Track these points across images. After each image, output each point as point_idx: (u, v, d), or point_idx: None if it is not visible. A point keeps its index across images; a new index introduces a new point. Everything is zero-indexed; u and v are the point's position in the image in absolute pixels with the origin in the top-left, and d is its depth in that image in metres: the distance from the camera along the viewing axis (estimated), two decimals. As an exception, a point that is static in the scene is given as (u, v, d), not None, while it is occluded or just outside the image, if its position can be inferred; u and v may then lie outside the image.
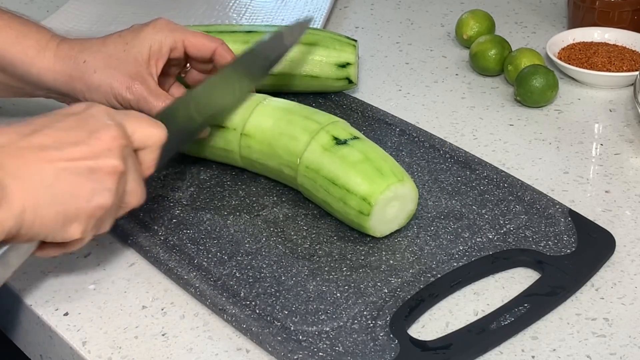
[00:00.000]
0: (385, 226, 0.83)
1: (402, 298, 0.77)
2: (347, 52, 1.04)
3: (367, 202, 0.80)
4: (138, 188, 0.74)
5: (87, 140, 0.69)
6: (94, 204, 0.69)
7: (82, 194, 0.68)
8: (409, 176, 0.84)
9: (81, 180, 0.68)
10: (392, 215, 0.82)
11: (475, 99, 1.11)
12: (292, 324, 0.74)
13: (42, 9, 1.37)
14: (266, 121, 0.89)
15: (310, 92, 1.06)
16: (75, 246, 0.72)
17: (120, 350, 0.74)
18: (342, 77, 1.05)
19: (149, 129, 0.74)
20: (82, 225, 0.69)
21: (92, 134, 0.69)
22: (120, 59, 0.91)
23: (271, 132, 0.88)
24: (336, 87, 1.06)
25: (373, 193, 0.80)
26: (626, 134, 1.02)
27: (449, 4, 1.37)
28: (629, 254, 0.83)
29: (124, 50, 0.91)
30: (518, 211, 0.87)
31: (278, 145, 0.87)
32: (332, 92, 1.07)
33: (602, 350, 0.73)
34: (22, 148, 0.67)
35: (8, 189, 0.64)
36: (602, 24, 1.20)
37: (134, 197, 0.74)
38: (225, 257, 0.82)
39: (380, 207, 0.81)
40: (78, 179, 0.68)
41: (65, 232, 0.69)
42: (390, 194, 0.81)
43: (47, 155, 0.67)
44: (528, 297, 0.77)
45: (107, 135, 0.70)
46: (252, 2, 1.36)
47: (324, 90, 1.07)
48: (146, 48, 0.91)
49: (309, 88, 1.06)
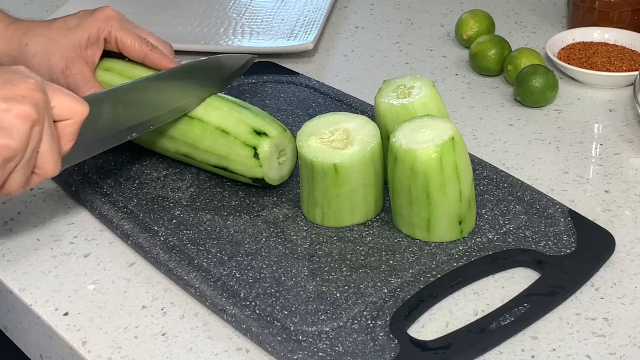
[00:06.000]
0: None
1: (402, 298, 0.77)
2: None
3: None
4: (53, 154, 0.74)
5: (3, 86, 0.70)
6: (0, 142, 0.69)
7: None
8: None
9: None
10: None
11: (475, 99, 1.11)
12: (292, 324, 0.74)
13: (42, 8, 1.37)
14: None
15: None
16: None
17: (120, 350, 0.74)
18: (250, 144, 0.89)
19: (71, 101, 0.75)
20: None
21: (9, 81, 0.71)
22: (60, 43, 0.93)
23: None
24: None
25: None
26: (626, 134, 1.02)
27: (449, 4, 1.37)
28: (629, 254, 0.83)
29: (65, 35, 0.94)
30: (518, 211, 0.87)
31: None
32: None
33: (602, 350, 0.73)
34: None
35: None
36: (601, 23, 1.20)
37: (48, 162, 0.74)
38: (225, 257, 0.82)
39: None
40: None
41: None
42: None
43: None
44: (528, 297, 0.77)
45: (23, 84, 0.71)
46: (252, 2, 1.37)
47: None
48: (85, 35, 0.94)
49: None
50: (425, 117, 0.83)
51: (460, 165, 0.80)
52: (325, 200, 0.84)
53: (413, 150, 0.80)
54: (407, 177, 0.81)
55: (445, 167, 0.80)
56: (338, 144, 0.84)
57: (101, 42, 0.95)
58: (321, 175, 0.83)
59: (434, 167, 0.79)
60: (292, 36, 1.25)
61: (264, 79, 1.13)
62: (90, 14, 0.95)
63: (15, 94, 0.70)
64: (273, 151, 0.88)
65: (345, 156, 0.83)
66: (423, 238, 0.83)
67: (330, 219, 0.85)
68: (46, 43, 0.94)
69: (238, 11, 1.34)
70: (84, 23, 0.94)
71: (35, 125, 0.71)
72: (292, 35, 1.25)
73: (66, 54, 0.93)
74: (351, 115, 0.87)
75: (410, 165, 0.80)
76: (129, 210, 0.88)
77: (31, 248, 0.86)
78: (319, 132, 0.85)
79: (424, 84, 0.88)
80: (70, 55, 0.93)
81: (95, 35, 0.94)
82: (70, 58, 0.93)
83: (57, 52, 0.93)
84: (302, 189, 0.87)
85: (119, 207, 0.89)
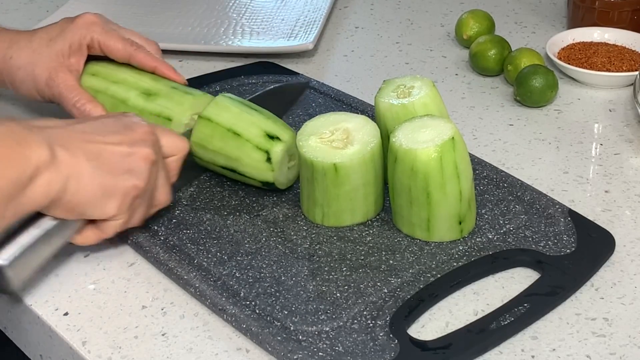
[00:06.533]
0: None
1: (402, 298, 0.77)
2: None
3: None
4: (166, 187, 0.82)
5: (124, 131, 0.78)
6: (129, 183, 0.77)
7: (119, 172, 0.77)
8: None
9: (119, 160, 0.77)
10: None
11: (475, 99, 1.11)
12: (292, 324, 0.74)
13: (42, 8, 1.37)
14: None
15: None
16: (110, 230, 0.79)
17: (120, 350, 0.74)
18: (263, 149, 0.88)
19: (175, 139, 0.83)
20: (118, 201, 0.77)
21: (128, 127, 0.79)
22: (43, 54, 0.94)
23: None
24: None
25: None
26: (626, 134, 1.02)
27: (449, 4, 1.37)
28: (629, 254, 0.83)
29: (47, 45, 0.95)
30: (518, 211, 0.87)
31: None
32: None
33: (602, 350, 0.73)
34: (69, 130, 0.76)
35: (57, 154, 0.72)
36: (601, 23, 1.20)
37: (163, 194, 0.82)
38: (225, 257, 0.82)
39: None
40: (116, 158, 0.77)
41: (103, 206, 0.76)
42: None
43: (90, 137, 0.76)
44: (528, 297, 0.77)
45: (141, 129, 0.79)
46: (252, 2, 1.37)
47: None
48: (67, 44, 0.95)
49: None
50: (425, 117, 0.83)
51: (460, 165, 0.80)
52: (326, 200, 0.84)
53: (413, 150, 0.80)
54: (407, 177, 0.81)
55: (446, 167, 0.80)
56: (338, 144, 0.84)
57: (84, 49, 0.95)
58: (321, 175, 0.83)
59: (434, 167, 0.79)
60: (292, 36, 1.25)
61: (264, 79, 1.13)
62: (70, 21, 0.96)
63: (136, 139, 0.78)
64: (284, 156, 0.88)
65: (345, 156, 0.83)
66: (423, 238, 0.83)
67: (330, 219, 0.85)
68: (29, 55, 0.95)
69: (238, 11, 1.34)
70: (65, 32, 0.95)
71: (154, 165, 0.79)
72: (292, 35, 1.25)
73: (49, 64, 0.94)
74: (351, 115, 0.87)
75: (410, 165, 0.80)
76: (129, 210, 0.88)
77: (31, 248, 0.86)
78: (319, 132, 0.85)
79: (424, 84, 0.88)
80: (53, 65, 0.94)
81: (77, 43, 0.95)
82: (53, 68, 0.94)
83: (40, 63, 0.94)
84: (302, 188, 0.87)
85: (119, 207, 0.89)
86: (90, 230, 0.79)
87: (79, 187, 0.74)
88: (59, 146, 0.73)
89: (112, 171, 0.76)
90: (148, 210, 0.82)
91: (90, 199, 0.75)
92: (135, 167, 0.77)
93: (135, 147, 0.78)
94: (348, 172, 0.83)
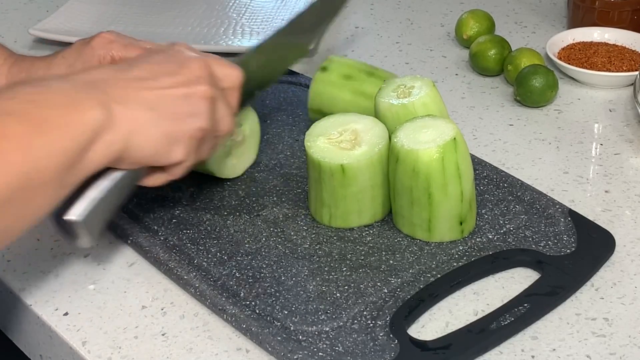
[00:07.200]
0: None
1: (402, 298, 0.77)
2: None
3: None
4: (228, 115, 0.79)
5: (179, 70, 0.75)
6: (193, 126, 0.75)
7: (182, 116, 0.74)
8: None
9: (179, 104, 0.74)
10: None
11: (475, 99, 1.11)
12: (292, 324, 0.74)
13: (42, 8, 1.37)
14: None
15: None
16: (178, 172, 0.77)
17: (120, 350, 0.74)
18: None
19: (228, 69, 0.80)
20: (184, 146, 0.75)
21: (182, 64, 0.76)
22: None
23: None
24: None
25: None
26: (626, 134, 1.02)
27: (449, 4, 1.37)
28: (629, 254, 0.83)
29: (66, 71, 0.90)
30: (518, 211, 0.87)
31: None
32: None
33: (602, 350, 0.73)
34: (122, 79, 0.73)
35: (114, 112, 0.69)
36: (602, 23, 1.20)
37: (225, 123, 0.79)
38: (225, 257, 0.82)
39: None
40: (176, 103, 0.74)
41: (170, 153, 0.74)
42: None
43: (145, 84, 0.73)
44: (528, 297, 0.77)
45: (195, 65, 0.76)
46: (252, 2, 1.37)
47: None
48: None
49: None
50: (426, 117, 0.83)
51: (462, 166, 0.80)
52: (333, 201, 0.84)
53: (415, 151, 0.80)
54: (408, 177, 0.81)
55: (447, 168, 0.80)
56: (346, 145, 0.84)
57: None
58: (328, 175, 0.83)
59: (436, 168, 0.79)
60: (292, 36, 1.25)
61: (264, 78, 1.13)
62: (86, 44, 0.90)
63: (192, 76, 0.75)
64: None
65: (353, 157, 0.83)
66: (424, 238, 0.83)
67: (337, 220, 0.85)
68: None
69: (238, 11, 1.34)
70: (83, 55, 0.90)
71: (214, 101, 0.77)
72: (292, 35, 1.25)
73: None
74: (360, 116, 0.87)
75: (412, 165, 0.80)
76: (129, 210, 0.88)
77: (31, 248, 0.86)
78: (327, 133, 0.85)
79: (424, 84, 0.88)
80: None
81: (97, 64, 0.90)
82: None
83: None
84: (309, 189, 0.87)
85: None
86: (158, 172, 0.77)
87: (142, 140, 0.72)
88: (114, 102, 0.70)
89: (174, 117, 0.74)
90: (214, 143, 0.80)
91: (155, 150, 0.73)
92: (196, 108, 0.75)
93: (192, 86, 0.75)
94: (355, 173, 0.83)
